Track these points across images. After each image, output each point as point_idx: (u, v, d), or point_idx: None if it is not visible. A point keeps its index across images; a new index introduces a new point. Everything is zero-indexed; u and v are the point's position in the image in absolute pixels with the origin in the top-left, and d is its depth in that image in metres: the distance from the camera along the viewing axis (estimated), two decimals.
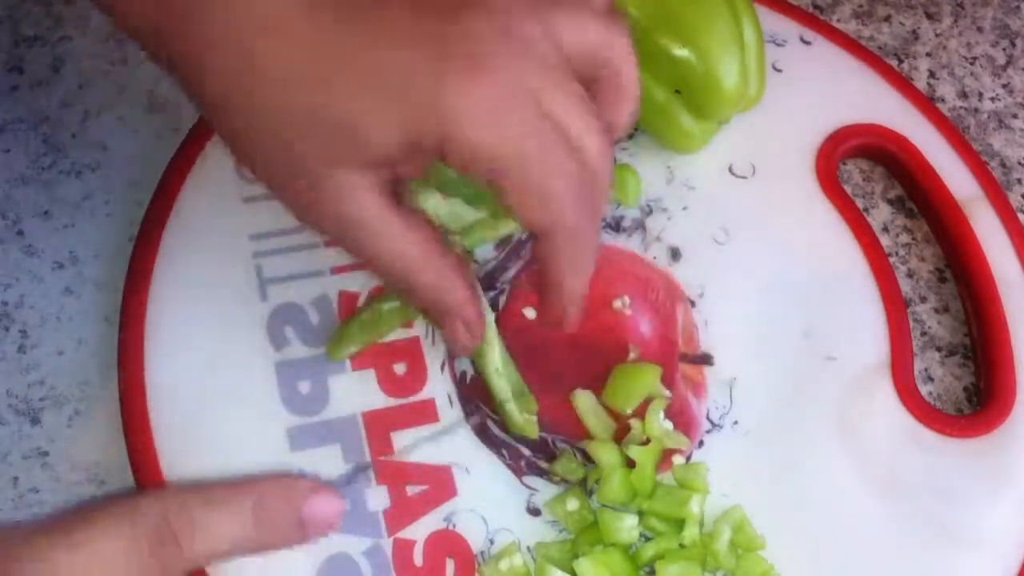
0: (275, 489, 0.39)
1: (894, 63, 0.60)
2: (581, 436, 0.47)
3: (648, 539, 0.45)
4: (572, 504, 0.45)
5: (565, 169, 0.36)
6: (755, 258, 0.52)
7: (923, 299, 0.53)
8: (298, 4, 0.36)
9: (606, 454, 0.46)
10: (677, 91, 0.50)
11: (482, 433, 0.47)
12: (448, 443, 0.47)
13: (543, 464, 0.47)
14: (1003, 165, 0.58)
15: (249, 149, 0.38)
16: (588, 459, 0.46)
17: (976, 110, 0.59)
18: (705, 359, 0.50)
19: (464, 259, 0.41)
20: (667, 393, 0.48)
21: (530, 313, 0.50)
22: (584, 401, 0.47)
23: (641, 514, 0.45)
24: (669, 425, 0.47)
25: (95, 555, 0.35)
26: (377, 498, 0.45)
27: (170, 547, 0.36)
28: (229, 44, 0.36)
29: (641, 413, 0.47)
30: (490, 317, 0.48)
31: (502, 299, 0.50)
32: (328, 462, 0.46)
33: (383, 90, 0.35)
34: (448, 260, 0.40)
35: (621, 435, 0.47)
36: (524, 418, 0.46)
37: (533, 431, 0.46)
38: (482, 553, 0.44)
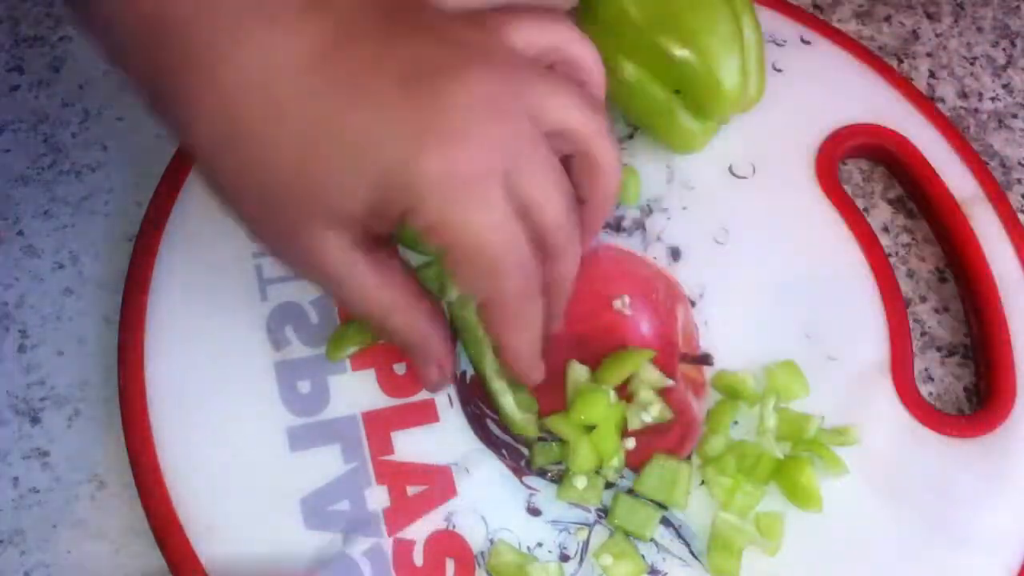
0: None
1: (894, 63, 0.60)
2: None
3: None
4: (580, 482, 0.45)
5: (515, 250, 0.38)
6: (755, 258, 0.52)
7: (923, 299, 0.53)
8: (291, 66, 0.36)
9: (564, 426, 0.46)
10: (677, 91, 0.50)
11: (482, 433, 0.47)
12: (448, 443, 0.47)
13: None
14: (1003, 165, 0.58)
15: (234, 200, 0.39)
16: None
17: (976, 110, 0.59)
18: (705, 359, 0.50)
19: (437, 303, 0.43)
20: (669, 381, 0.48)
21: None
22: (576, 371, 0.48)
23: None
24: (655, 398, 0.47)
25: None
26: (377, 498, 0.45)
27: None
28: (221, 98, 0.37)
29: (623, 390, 0.47)
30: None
31: None
32: (328, 462, 0.46)
33: (359, 156, 0.36)
34: (421, 306, 0.42)
35: None
36: (523, 417, 0.46)
37: (533, 430, 0.46)
38: (482, 553, 0.44)
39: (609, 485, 0.46)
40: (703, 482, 0.46)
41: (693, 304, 0.51)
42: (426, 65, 0.37)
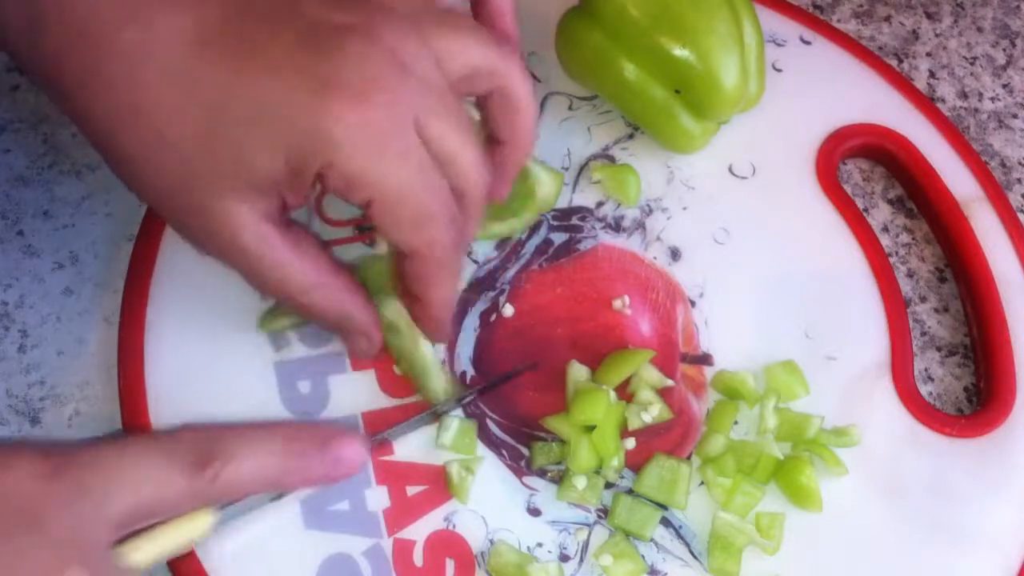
0: (305, 428, 0.41)
1: (894, 63, 0.60)
2: None
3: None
4: (580, 482, 0.45)
5: (439, 195, 0.39)
6: (755, 258, 0.52)
7: (923, 299, 0.53)
8: (185, 40, 0.37)
9: (564, 425, 0.46)
10: (677, 91, 0.50)
11: (482, 433, 0.47)
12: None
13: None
14: (1003, 165, 0.58)
15: (141, 180, 0.39)
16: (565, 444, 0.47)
17: (976, 110, 0.59)
18: (705, 359, 0.50)
19: (354, 275, 0.43)
20: (669, 381, 0.48)
21: (508, 310, 0.50)
22: (576, 371, 0.48)
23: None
24: (655, 398, 0.47)
25: (138, 465, 0.37)
26: (377, 498, 0.45)
27: (205, 470, 0.37)
28: (117, 79, 0.37)
29: (623, 390, 0.47)
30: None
31: (502, 299, 0.50)
32: None
33: (269, 118, 0.36)
34: (339, 280, 0.42)
35: None
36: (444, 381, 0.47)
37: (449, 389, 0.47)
38: (482, 553, 0.44)
39: (609, 485, 0.46)
40: (703, 482, 0.46)
41: (693, 304, 0.51)
42: (324, 25, 0.37)
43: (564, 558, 0.45)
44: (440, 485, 0.46)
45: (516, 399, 0.48)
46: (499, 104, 0.42)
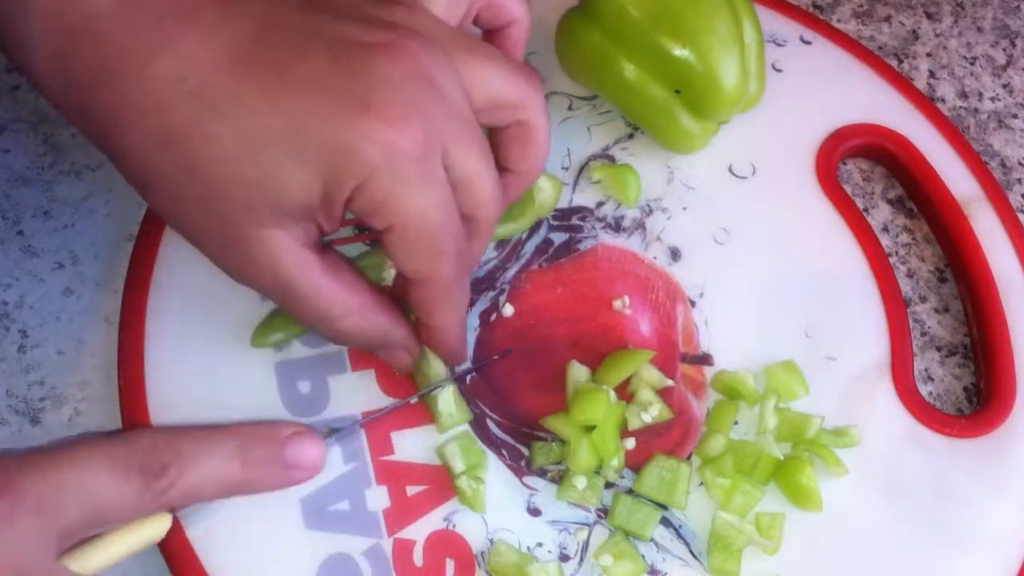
0: (260, 431, 0.39)
1: (894, 63, 0.60)
2: None
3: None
4: (580, 482, 0.45)
5: (454, 229, 0.39)
6: (755, 258, 0.52)
7: (923, 299, 0.53)
8: (217, 64, 0.36)
9: (564, 426, 0.46)
10: (677, 91, 0.50)
11: (482, 433, 0.47)
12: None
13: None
14: (1003, 165, 0.58)
15: (176, 213, 0.38)
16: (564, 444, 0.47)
17: (976, 110, 0.59)
18: (705, 359, 0.50)
19: (387, 293, 0.44)
20: (669, 381, 0.48)
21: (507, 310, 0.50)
22: (576, 371, 0.48)
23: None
24: (655, 398, 0.47)
25: (89, 475, 0.36)
26: (377, 498, 0.45)
27: (159, 478, 0.36)
28: (147, 107, 0.36)
29: (623, 390, 0.47)
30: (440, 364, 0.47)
31: (502, 299, 0.50)
32: (328, 462, 0.45)
33: (303, 139, 0.36)
34: (375, 298, 0.42)
35: None
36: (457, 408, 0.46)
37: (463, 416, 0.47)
38: (482, 553, 0.44)
39: (609, 485, 0.46)
40: (703, 482, 0.46)
41: (693, 304, 0.51)
42: (354, 43, 0.37)
43: (564, 558, 0.45)
44: (440, 485, 0.46)
45: (516, 399, 0.48)
46: (517, 136, 0.42)
